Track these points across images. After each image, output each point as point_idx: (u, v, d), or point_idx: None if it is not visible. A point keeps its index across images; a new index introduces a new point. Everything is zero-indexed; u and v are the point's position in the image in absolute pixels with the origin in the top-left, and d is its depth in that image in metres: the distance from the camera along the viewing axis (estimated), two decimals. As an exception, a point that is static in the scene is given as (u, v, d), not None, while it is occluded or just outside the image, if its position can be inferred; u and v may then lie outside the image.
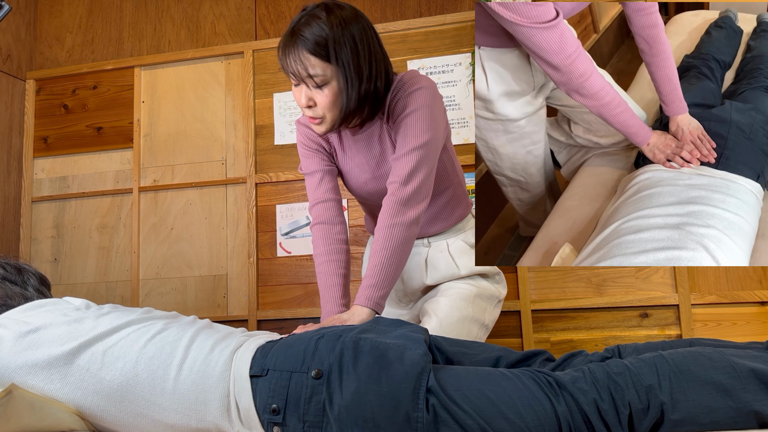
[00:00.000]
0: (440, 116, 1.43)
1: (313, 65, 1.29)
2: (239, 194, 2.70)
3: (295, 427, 0.98)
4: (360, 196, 1.58)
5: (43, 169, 2.90)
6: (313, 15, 1.30)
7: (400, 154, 1.37)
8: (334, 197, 1.51)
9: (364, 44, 1.33)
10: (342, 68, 1.30)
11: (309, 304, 2.57)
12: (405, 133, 1.38)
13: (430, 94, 1.40)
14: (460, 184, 1.59)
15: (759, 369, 0.96)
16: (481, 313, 1.53)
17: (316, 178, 1.51)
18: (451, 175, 1.55)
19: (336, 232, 1.47)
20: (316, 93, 1.33)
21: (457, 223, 1.58)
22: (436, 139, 1.40)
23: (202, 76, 2.81)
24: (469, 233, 1.60)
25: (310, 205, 1.52)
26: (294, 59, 1.29)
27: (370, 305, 1.30)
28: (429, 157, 1.38)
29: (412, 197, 1.35)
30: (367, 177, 1.50)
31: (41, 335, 1.07)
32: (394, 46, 2.62)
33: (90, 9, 2.99)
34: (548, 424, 0.95)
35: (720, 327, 2.28)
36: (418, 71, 1.45)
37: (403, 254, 1.35)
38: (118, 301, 2.73)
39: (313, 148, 1.53)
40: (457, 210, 1.58)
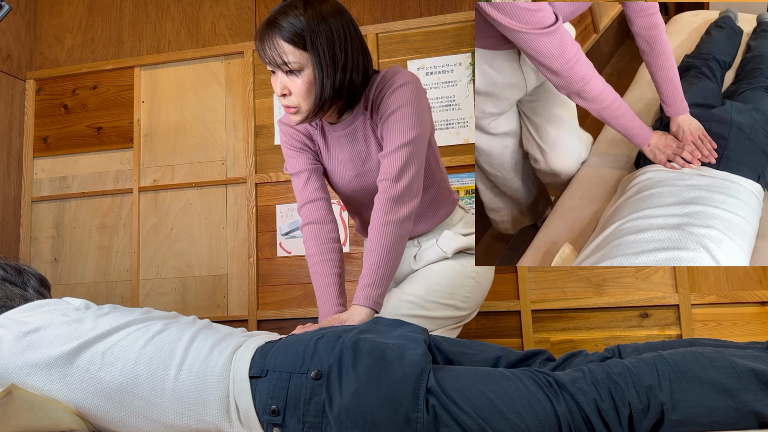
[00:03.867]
0: (426, 111, 1.43)
1: (287, 53, 1.29)
2: (239, 194, 2.70)
3: (295, 428, 0.98)
4: (345, 194, 1.56)
5: (43, 169, 2.90)
6: (291, 5, 1.31)
7: (389, 151, 1.37)
8: (323, 196, 1.50)
9: (341, 35, 1.32)
10: (317, 56, 1.30)
11: (309, 304, 2.57)
12: (392, 130, 1.37)
13: (414, 90, 1.39)
14: (443, 180, 1.58)
15: (759, 369, 0.96)
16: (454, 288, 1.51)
17: (303, 178, 1.51)
18: (435, 172, 1.53)
19: (327, 231, 1.47)
20: (291, 81, 1.33)
21: (444, 219, 1.57)
22: (423, 135, 1.40)
23: (202, 76, 2.81)
24: (459, 226, 1.58)
25: (298, 206, 1.51)
26: (269, 47, 1.30)
27: (369, 304, 1.30)
28: (418, 152, 1.38)
29: (404, 194, 1.35)
30: (352, 174, 1.49)
31: (41, 335, 1.07)
32: (394, 46, 2.62)
33: (90, 9, 2.99)
34: (548, 424, 0.95)
35: (720, 327, 2.28)
36: (400, 67, 1.45)
37: (398, 251, 1.35)
38: (118, 301, 2.73)
39: (297, 147, 1.52)
40: (442, 207, 1.56)
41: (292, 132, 1.53)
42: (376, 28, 2.64)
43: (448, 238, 1.54)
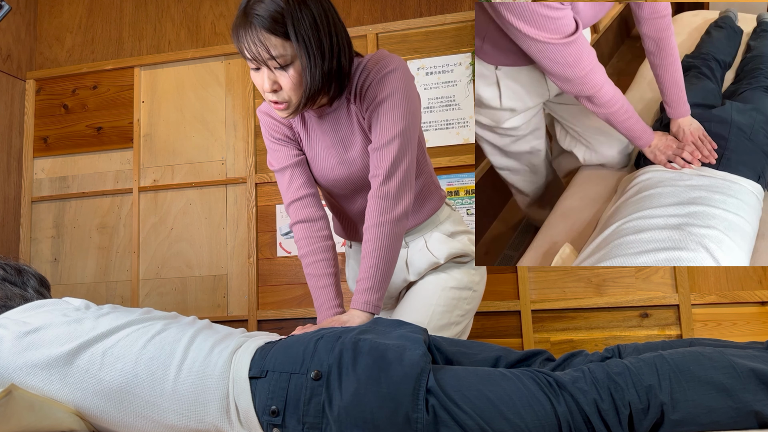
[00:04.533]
0: (415, 98, 1.37)
1: (274, 45, 1.21)
2: (239, 194, 2.70)
3: (295, 428, 0.98)
4: (325, 185, 1.48)
5: (43, 169, 2.90)
6: None
7: (380, 144, 1.31)
8: (309, 192, 1.44)
9: (323, 18, 1.23)
10: (303, 45, 1.21)
11: (309, 304, 2.56)
12: (382, 121, 1.31)
13: (403, 76, 1.32)
14: (430, 174, 1.51)
15: (759, 369, 0.96)
16: (450, 311, 1.47)
17: (287, 176, 1.45)
18: (422, 163, 1.46)
19: (317, 228, 1.42)
20: (280, 75, 1.25)
21: (431, 215, 1.50)
22: (414, 124, 1.34)
23: (202, 76, 2.81)
24: (446, 224, 1.52)
25: (285, 204, 1.46)
26: (252, 41, 1.21)
27: (368, 309, 1.29)
28: (409, 144, 1.33)
29: (399, 190, 1.31)
30: (334, 162, 1.42)
31: (41, 336, 1.07)
32: (394, 46, 2.62)
33: (90, 9, 2.99)
34: (548, 424, 0.95)
35: (720, 327, 2.28)
36: (386, 51, 1.37)
37: (395, 251, 1.32)
38: (117, 301, 2.73)
39: (278, 138, 1.46)
40: (430, 201, 1.50)
41: (271, 122, 1.46)
42: (376, 28, 2.64)
43: (438, 241, 1.49)
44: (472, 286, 1.51)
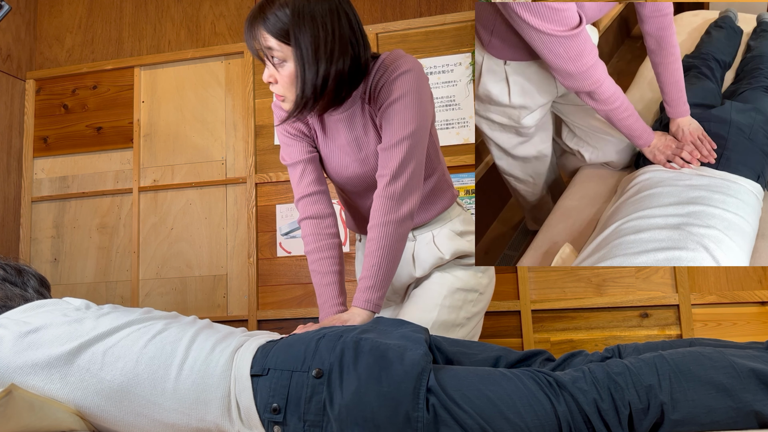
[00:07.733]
0: (428, 101, 1.38)
1: (272, 46, 1.27)
2: (239, 194, 2.70)
3: (296, 426, 0.99)
4: (340, 181, 1.50)
5: (43, 169, 2.90)
6: None
7: (389, 144, 1.33)
8: (319, 189, 1.46)
9: (327, 26, 1.27)
10: (299, 51, 1.26)
11: (309, 304, 2.57)
12: (392, 122, 1.33)
13: (416, 78, 1.34)
14: (443, 171, 1.52)
15: (759, 369, 0.96)
16: (456, 311, 1.47)
17: (299, 170, 1.46)
18: (435, 162, 1.48)
19: (325, 225, 1.44)
20: (278, 70, 1.31)
21: (442, 212, 1.51)
22: (424, 126, 1.36)
23: (202, 76, 2.81)
24: (456, 221, 1.53)
25: (295, 200, 1.47)
26: (254, 37, 1.28)
27: (369, 308, 1.30)
28: (418, 146, 1.34)
29: (405, 191, 1.32)
30: (349, 160, 1.44)
31: (41, 335, 1.07)
32: (394, 46, 2.63)
33: (90, 9, 2.99)
34: (548, 424, 0.95)
35: (720, 327, 2.28)
36: (402, 51, 1.39)
37: (399, 251, 1.33)
38: (118, 301, 2.74)
39: (293, 133, 1.48)
40: (441, 200, 1.51)
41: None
42: (376, 28, 2.64)
43: (446, 237, 1.50)
44: (478, 288, 1.52)
